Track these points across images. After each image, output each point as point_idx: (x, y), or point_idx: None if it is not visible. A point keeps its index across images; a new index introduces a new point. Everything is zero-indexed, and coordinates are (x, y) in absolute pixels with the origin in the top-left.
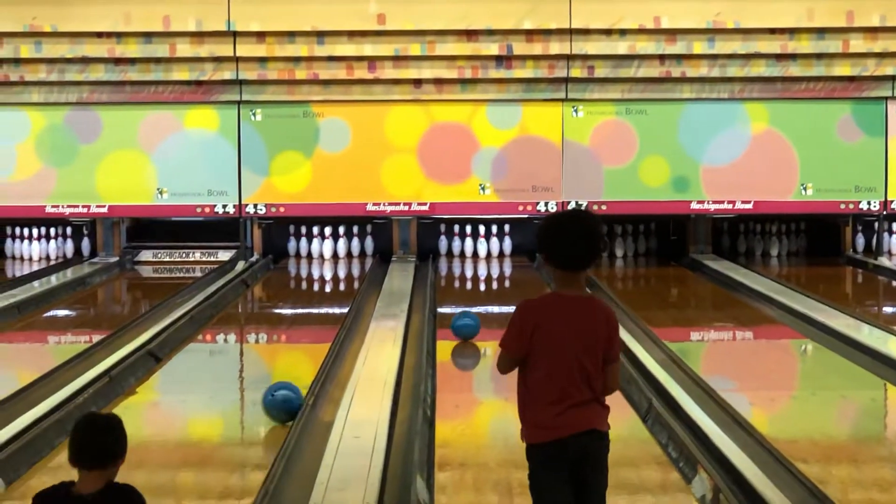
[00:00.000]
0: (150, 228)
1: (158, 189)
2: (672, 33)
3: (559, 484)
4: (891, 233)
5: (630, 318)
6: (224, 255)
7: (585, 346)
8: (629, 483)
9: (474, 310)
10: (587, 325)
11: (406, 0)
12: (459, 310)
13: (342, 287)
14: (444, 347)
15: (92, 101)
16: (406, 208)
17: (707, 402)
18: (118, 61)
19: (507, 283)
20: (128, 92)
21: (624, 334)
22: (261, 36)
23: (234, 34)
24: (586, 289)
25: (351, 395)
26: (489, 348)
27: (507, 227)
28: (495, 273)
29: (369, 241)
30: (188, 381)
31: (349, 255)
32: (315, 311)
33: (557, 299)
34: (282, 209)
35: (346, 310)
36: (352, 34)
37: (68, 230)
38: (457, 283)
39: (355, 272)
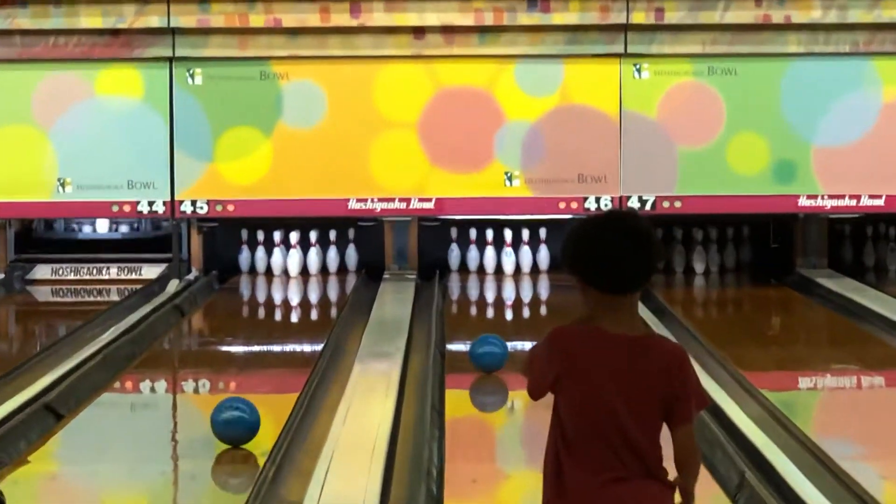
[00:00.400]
0: (48, 235)
1: (59, 180)
2: None
3: None
4: None
5: (714, 359)
6: (150, 272)
7: (631, 403)
8: None
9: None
10: (635, 375)
11: None
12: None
13: (314, 315)
14: (457, 399)
15: None
16: (403, 206)
17: (821, 476)
18: (2, 2)
19: (542, 310)
20: (17, 46)
21: (704, 380)
22: None
23: None
24: (640, 320)
25: (326, 467)
26: (518, 400)
27: (542, 233)
28: (527, 296)
29: (352, 252)
30: (100, 446)
31: (324, 270)
32: (277, 348)
33: (595, 336)
34: (231, 207)
35: (319, 347)
36: None
37: None
38: (473, 310)
39: (333, 295)
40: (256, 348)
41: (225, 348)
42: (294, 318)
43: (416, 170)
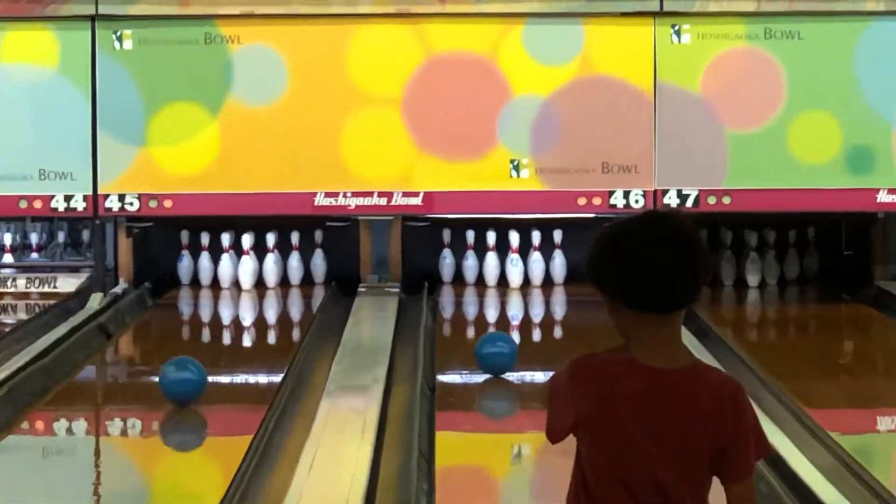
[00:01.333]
0: None
1: None
2: None
3: None
4: None
5: (771, 393)
6: (67, 284)
7: (671, 453)
8: None
9: (502, 378)
10: (678, 416)
11: None
12: (478, 374)
13: (272, 338)
14: (450, 444)
15: None
16: (384, 202)
17: None
18: None
19: (557, 332)
20: None
21: (761, 420)
22: None
23: None
24: (684, 347)
25: None
26: (526, 446)
27: (557, 236)
28: (537, 315)
29: (319, 260)
30: (5, 498)
31: (285, 282)
32: (225, 380)
33: (627, 368)
34: (168, 204)
35: (278, 378)
36: None
37: None
38: (470, 332)
39: (295, 313)
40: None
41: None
42: (247, 341)
43: (399, 157)
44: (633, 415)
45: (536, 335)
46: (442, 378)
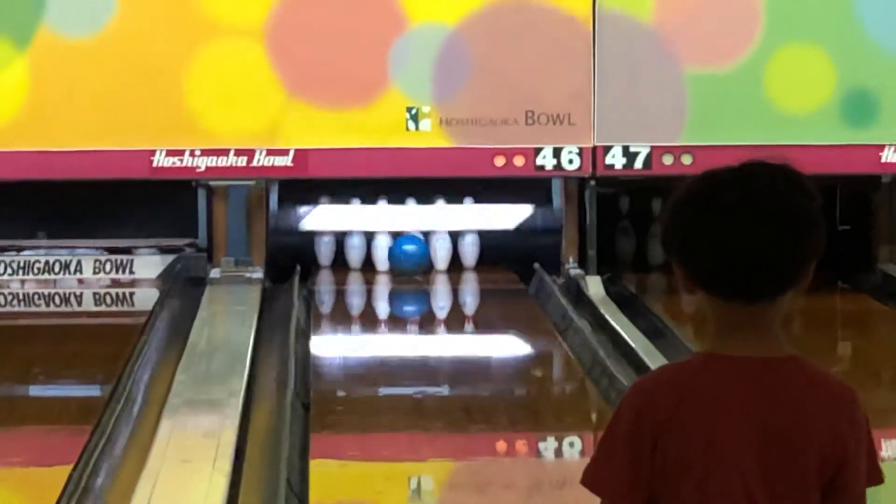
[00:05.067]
0: None
1: None
2: None
3: None
4: None
5: None
6: None
7: (776, 477)
8: None
9: (397, 393)
10: (783, 419)
11: None
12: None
13: (97, 341)
14: (327, 475)
15: None
16: (243, 163)
17: None
18: None
19: (468, 327)
20: None
21: None
22: None
23: None
24: (783, 343)
25: None
26: (428, 477)
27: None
28: (441, 307)
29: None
30: None
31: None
32: (36, 393)
33: (714, 368)
34: None
35: (106, 391)
36: None
37: None
38: (355, 330)
39: (126, 307)
40: (1, 393)
41: None
42: (65, 343)
43: (263, 104)
44: (727, 417)
45: (441, 332)
46: (319, 391)
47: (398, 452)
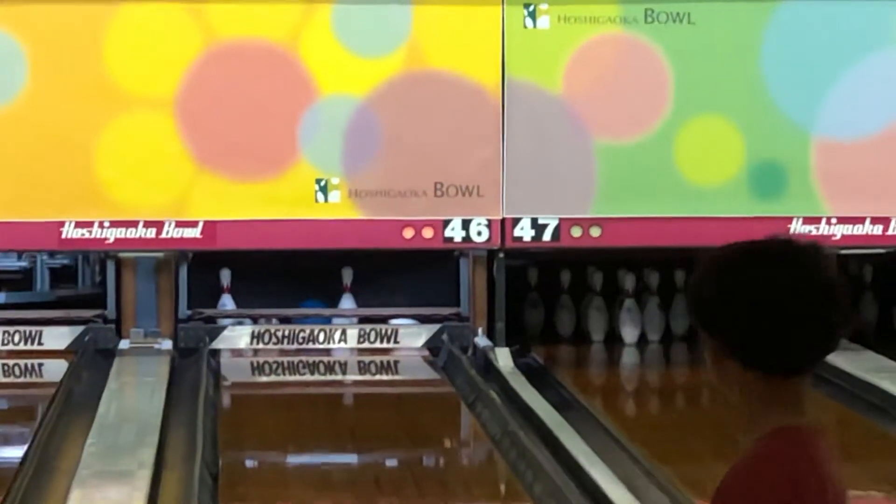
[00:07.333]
0: None
1: None
2: None
3: None
4: None
5: (654, 483)
6: None
7: None
8: None
9: (306, 462)
10: (842, 486)
11: None
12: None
13: (5, 412)
14: None
15: None
16: (152, 234)
17: None
18: None
19: (389, 391)
20: None
21: None
22: None
23: None
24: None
25: None
26: None
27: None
28: (355, 377)
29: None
30: None
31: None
32: None
33: (811, 444)
34: None
35: (14, 461)
36: None
37: None
38: (263, 400)
39: (34, 378)
40: None
41: None
42: None
43: (172, 176)
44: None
45: (352, 405)
46: (228, 461)
47: None
